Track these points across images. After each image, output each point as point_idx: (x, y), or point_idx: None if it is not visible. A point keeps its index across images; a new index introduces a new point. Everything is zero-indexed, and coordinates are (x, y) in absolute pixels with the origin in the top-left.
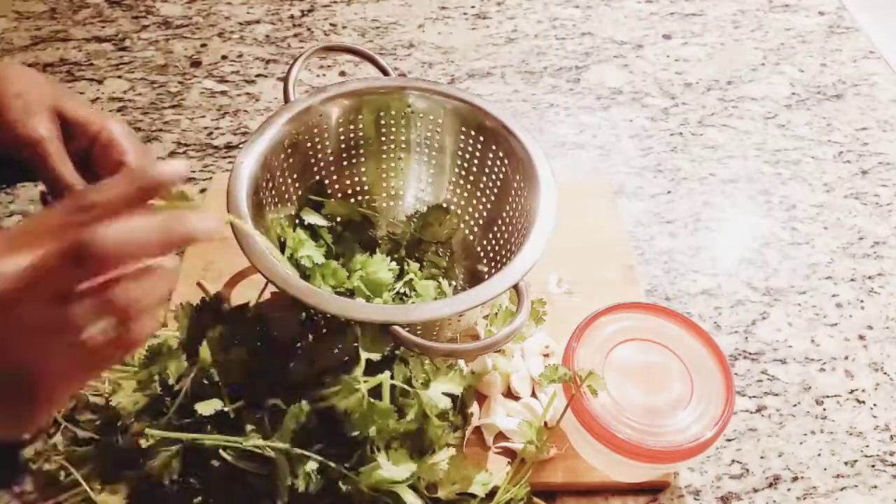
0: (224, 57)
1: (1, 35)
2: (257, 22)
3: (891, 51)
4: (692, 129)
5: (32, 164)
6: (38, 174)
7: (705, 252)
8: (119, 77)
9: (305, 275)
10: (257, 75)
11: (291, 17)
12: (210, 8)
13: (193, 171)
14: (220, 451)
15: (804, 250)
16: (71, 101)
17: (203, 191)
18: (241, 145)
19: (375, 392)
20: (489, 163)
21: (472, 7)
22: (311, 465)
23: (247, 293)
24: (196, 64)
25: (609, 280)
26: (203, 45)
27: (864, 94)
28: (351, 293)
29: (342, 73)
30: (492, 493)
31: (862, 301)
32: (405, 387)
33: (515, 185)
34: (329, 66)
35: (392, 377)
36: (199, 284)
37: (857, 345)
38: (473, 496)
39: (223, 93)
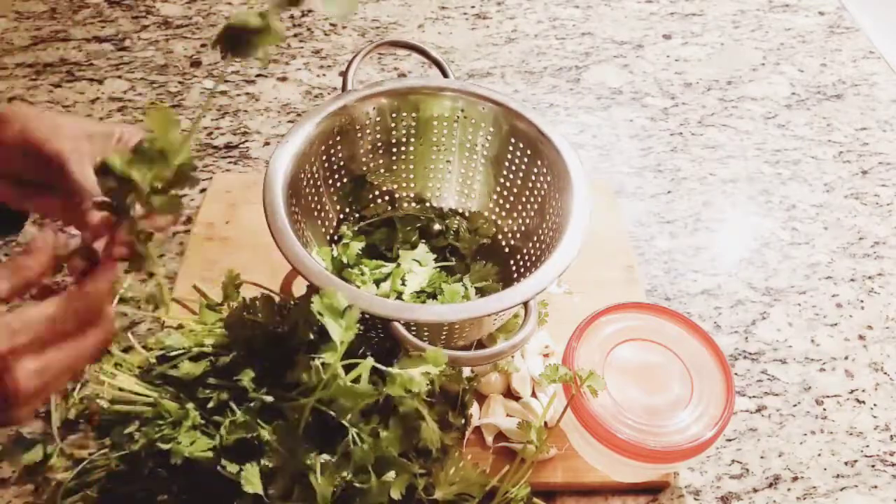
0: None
1: (1, 35)
2: None
3: (891, 51)
4: (692, 129)
5: (54, 179)
6: (58, 188)
7: (705, 252)
8: (119, 77)
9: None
10: (257, 75)
11: (291, 17)
12: (210, 8)
13: (192, 171)
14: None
15: (804, 250)
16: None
17: (203, 191)
18: (241, 145)
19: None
20: (532, 177)
21: (472, 7)
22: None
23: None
24: (196, 64)
25: (609, 280)
26: (203, 45)
27: (864, 94)
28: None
29: (342, 74)
30: (491, 494)
31: (862, 301)
32: (379, 366)
33: (554, 202)
34: (329, 67)
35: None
36: (195, 287)
37: (857, 345)
38: (472, 497)
39: (223, 93)
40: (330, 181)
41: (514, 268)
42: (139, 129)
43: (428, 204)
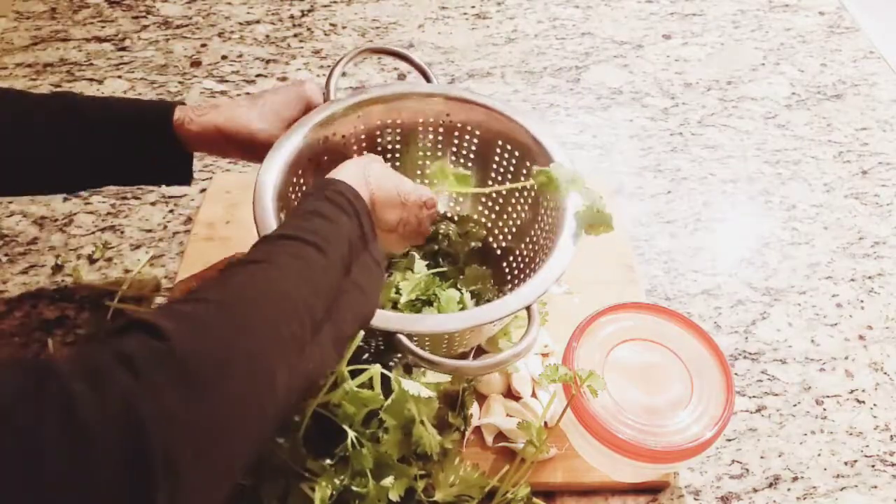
0: (224, 57)
1: (1, 35)
2: (257, 22)
3: (891, 51)
4: (692, 129)
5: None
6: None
7: (705, 252)
8: (119, 77)
9: None
10: (257, 75)
11: (291, 17)
12: (210, 8)
13: (193, 171)
14: None
15: (804, 250)
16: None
17: (203, 191)
18: None
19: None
20: (522, 178)
21: (472, 7)
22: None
23: None
24: (196, 64)
25: (609, 280)
26: (203, 45)
27: (864, 94)
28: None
29: (343, 75)
30: (491, 494)
31: (862, 301)
32: (387, 372)
33: (545, 202)
34: (329, 67)
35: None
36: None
37: (857, 345)
38: (472, 498)
39: (223, 93)
40: None
41: (507, 270)
42: (301, 90)
43: None
